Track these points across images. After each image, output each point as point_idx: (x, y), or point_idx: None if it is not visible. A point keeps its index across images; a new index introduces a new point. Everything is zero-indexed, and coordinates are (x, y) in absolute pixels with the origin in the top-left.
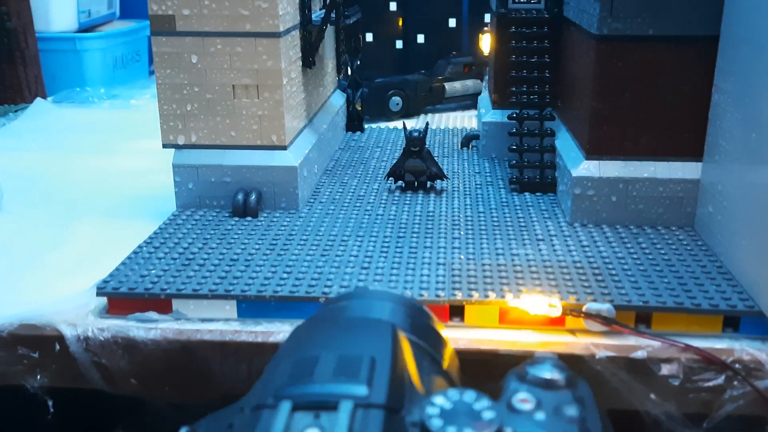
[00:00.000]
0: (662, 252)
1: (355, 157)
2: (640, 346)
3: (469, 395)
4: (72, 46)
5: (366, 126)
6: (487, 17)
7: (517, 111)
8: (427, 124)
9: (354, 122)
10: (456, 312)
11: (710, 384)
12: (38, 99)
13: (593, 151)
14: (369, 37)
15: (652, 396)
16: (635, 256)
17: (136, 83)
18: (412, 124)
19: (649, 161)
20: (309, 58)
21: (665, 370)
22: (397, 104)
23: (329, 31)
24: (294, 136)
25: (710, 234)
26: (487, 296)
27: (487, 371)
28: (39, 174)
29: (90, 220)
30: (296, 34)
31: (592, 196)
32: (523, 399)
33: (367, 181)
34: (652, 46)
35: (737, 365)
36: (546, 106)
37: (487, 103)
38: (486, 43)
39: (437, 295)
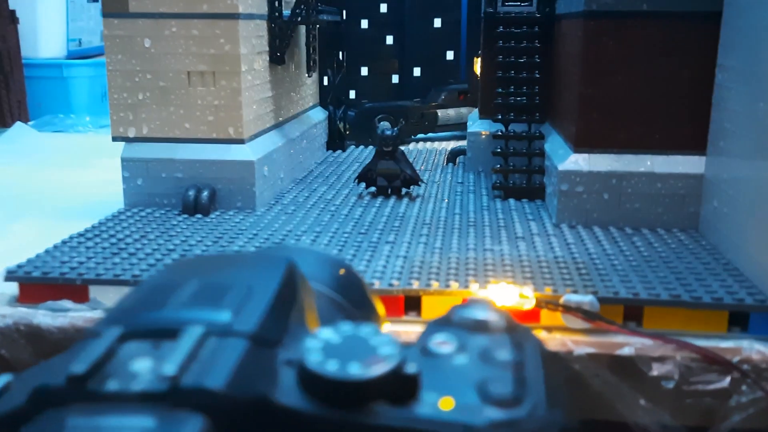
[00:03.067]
0: (659, 250)
1: (330, 170)
2: (627, 341)
3: (369, 329)
4: (59, 73)
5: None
6: None
7: (503, 114)
8: (401, 121)
9: (335, 140)
10: (412, 305)
11: (712, 387)
12: (18, 123)
13: (582, 143)
14: (364, 71)
15: (642, 402)
16: (627, 254)
17: None
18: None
19: (646, 154)
20: (276, 53)
21: (657, 370)
22: None
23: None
24: (255, 132)
25: (715, 231)
26: (448, 286)
27: None
28: None
29: (29, 220)
30: (262, 24)
31: (580, 193)
32: (441, 341)
33: (337, 188)
34: (646, 24)
35: (745, 366)
36: (535, 109)
37: (474, 115)
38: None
39: (391, 284)
